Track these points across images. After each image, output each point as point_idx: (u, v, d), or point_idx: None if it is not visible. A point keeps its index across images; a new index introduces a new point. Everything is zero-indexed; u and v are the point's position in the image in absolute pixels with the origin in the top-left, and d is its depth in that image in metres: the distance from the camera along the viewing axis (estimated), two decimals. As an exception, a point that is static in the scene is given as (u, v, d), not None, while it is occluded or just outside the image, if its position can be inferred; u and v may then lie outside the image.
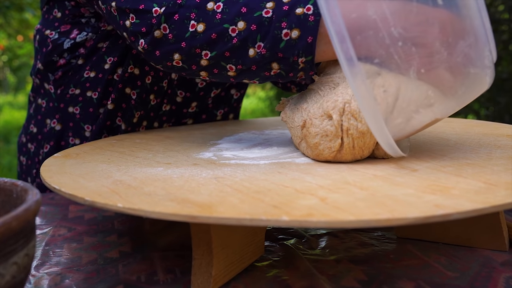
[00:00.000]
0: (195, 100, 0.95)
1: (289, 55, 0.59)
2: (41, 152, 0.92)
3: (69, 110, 0.88)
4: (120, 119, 0.88)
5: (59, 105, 0.89)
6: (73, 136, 0.89)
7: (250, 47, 0.60)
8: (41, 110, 0.92)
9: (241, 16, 0.60)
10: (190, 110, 0.96)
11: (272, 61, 0.60)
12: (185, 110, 0.95)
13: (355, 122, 0.54)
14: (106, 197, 0.44)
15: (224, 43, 0.61)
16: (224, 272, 0.48)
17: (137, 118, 0.90)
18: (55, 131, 0.90)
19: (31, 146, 0.94)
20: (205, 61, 0.64)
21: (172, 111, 0.94)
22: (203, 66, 0.65)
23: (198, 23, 0.62)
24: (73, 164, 0.60)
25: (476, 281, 0.48)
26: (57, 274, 0.53)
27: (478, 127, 0.75)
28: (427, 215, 0.36)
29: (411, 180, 0.47)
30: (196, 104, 0.95)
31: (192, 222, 0.46)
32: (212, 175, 0.52)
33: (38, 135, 0.92)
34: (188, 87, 0.92)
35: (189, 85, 0.92)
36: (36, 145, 0.93)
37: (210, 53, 0.63)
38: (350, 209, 0.39)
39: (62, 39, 0.88)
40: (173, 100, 0.93)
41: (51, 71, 0.89)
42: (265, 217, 0.37)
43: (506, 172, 0.48)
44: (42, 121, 0.91)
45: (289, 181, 0.48)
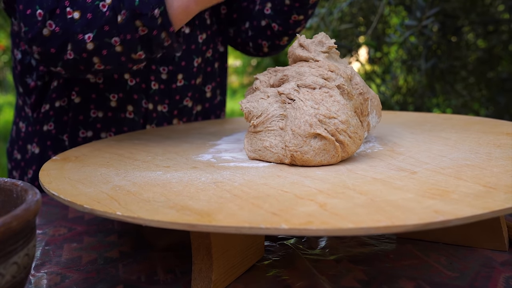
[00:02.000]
0: (180, 72, 0.94)
1: (146, 11, 0.66)
2: (25, 179, 0.93)
3: (44, 129, 0.89)
4: (94, 111, 0.88)
5: (35, 127, 0.90)
6: (54, 153, 0.90)
7: (117, 15, 0.67)
8: (21, 135, 0.93)
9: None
10: (179, 84, 0.94)
11: (134, 19, 0.66)
12: (174, 86, 0.94)
13: (334, 120, 0.55)
14: (105, 204, 0.44)
15: (99, 19, 0.67)
16: (224, 276, 0.48)
17: (115, 102, 0.89)
18: (35, 155, 0.91)
19: (16, 174, 0.95)
20: (90, 44, 0.68)
21: (162, 90, 0.93)
22: (91, 51, 0.69)
23: (74, 11, 0.69)
24: (72, 168, 0.59)
25: (476, 281, 0.48)
26: (57, 274, 0.53)
27: (478, 124, 0.75)
28: (426, 222, 0.36)
29: (411, 183, 0.47)
30: (183, 76, 0.94)
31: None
32: (211, 179, 0.52)
33: (21, 162, 0.93)
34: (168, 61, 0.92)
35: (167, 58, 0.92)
36: (20, 173, 0.94)
37: (92, 34, 0.68)
38: (349, 216, 0.38)
39: (27, 58, 0.89)
40: (159, 78, 0.92)
41: (28, 95, 0.90)
42: (264, 226, 0.37)
43: (505, 174, 0.48)
44: (24, 147, 0.93)
45: (288, 186, 0.48)
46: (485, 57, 1.72)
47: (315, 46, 0.65)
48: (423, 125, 0.78)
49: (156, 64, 0.91)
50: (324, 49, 0.64)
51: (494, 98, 1.72)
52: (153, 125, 0.93)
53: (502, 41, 1.64)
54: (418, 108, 1.76)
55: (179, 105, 0.96)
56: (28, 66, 0.89)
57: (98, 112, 0.89)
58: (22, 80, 0.90)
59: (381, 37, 1.76)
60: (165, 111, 0.94)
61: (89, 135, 0.90)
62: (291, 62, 0.67)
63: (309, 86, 0.59)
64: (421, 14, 1.35)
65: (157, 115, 0.94)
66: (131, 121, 0.91)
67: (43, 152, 0.90)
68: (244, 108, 0.61)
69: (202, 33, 0.95)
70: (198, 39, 0.94)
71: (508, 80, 1.69)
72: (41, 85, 0.89)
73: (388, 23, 1.87)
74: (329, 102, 0.57)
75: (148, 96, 0.92)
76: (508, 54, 1.72)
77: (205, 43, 0.96)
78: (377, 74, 1.93)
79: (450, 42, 1.68)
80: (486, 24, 1.65)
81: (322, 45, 0.65)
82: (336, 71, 0.60)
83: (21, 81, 0.91)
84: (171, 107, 0.95)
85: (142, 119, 0.92)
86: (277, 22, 0.93)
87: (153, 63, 0.90)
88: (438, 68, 1.63)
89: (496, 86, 1.73)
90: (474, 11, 1.61)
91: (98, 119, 0.89)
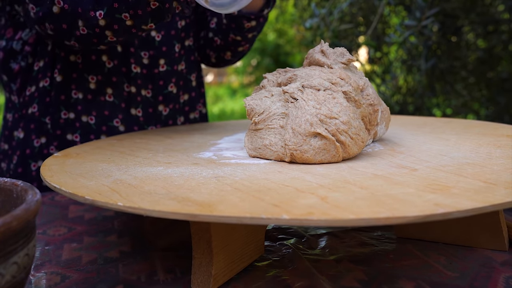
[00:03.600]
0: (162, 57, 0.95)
1: None
2: (11, 166, 0.93)
3: (29, 112, 0.90)
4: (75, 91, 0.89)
5: (21, 112, 0.91)
6: (37, 137, 0.90)
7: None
8: (8, 125, 0.94)
9: None
10: (162, 69, 0.95)
11: None
12: (156, 71, 0.94)
13: (335, 120, 0.55)
14: (107, 196, 0.44)
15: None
16: (224, 271, 0.48)
17: (94, 84, 0.89)
18: (20, 140, 0.91)
19: (4, 165, 0.95)
20: (102, 20, 0.71)
21: (145, 75, 0.93)
22: (104, 26, 0.71)
23: None
24: (73, 163, 0.60)
25: (476, 281, 0.48)
26: (57, 274, 0.53)
27: (478, 127, 0.75)
28: (427, 214, 0.37)
29: (411, 179, 0.47)
30: (165, 61, 0.95)
31: (192, 221, 0.46)
32: (212, 174, 0.52)
33: (8, 150, 0.94)
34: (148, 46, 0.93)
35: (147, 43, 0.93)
36: (7, 162, 0.94)
37: (102, 11, 0.70)
38: (350, 208, 0.39)
39: (10, 43, 0.90)
40: (140, 62, 0.93)
41: (13, 81, 0.91)
42: (265, 216, 0.38)
43: (506, 171, 0.48)
44: (10, 136, 0.93)
45: (289, 180, 0.48)
46: (485, 57, 1.72)
47: (335, 55, 0.65)
48: (423, 127, 0.78)
49: (136, 48, 0.92)
50: (343, 60, 0.65)
51: (494, 98, 1.72)
52: (139, 109, 0.93)
53: (502, 41, 1.64)
54: (418, 108, 1.76)
55: (164, 91, 0.96)
56: (11, 51, 0.90)
57: (79, 93, 0.90)
58: (6, 66, 0.91)
59: (381, 37, 1.76)
60: (149, 96, 0.95)
61: (71, 117, 0.90)
62: (306, 64, 0.67)
63: (314, 87, 0.59)
64: (421, 14, 1.35)
65: (141, 99, 0.93)
66: (111, 104, 0.91)
67: (26, 136, 0.90)
68: (247, 105, 0.62)
69: (181, 20, 0.97)
70: (178, 25, 0.96)
71: (508, 80, 1.69)
72: (25, 67, 0.90)
73: (388, 23, 1.87)
74: (331, 103, 0.57)
75: (130, 79, 0.92)
76: (508, 54, 1.72)
77: (184, 30, 0.98)
78: (377, 74, 1.93)
79: (450, 42, 1.68)
80: (486, 24, 1.65)
81: (343, 57, 0.65)
82: (346, 79, 0.60)
83: (4, 68, 0.92)
84: (154, 92, 0.95)
85: (124, 103, 0.92)
86: (219, 37, 1.00)
87: (132, 46, 0.91)
88: (438, 68, 1.63)
89: (496, 86, 1.73)
90: (474, 11, 1.61)
91: (78, 101, 0.90)
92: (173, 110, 0.98)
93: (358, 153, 0.58)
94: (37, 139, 0.90)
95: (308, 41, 1.73)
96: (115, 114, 0.91)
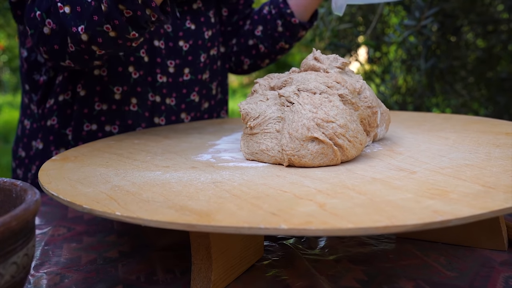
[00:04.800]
0: (187, 66, 0.95)
1: None
2: (29, 175, 0.94)
3: (48, 124, 0.91)
4: (99, 103, 0.89)
5: (40, 123, 0.92)
6: (56, 149, 0.91)
7: (101, 4, 0.67)
8: (26, 132, 0.95)
9: None
10: (186, 78, 0.95)
11: (117, 5, 0.67)
12: (181, 79, 0.95)
13: (332, 124, 0.55)
14: (104, 204, 0.44)
15: (87, 10, 0.68)
16: (223, 276, 0.48)
17: (120, 95, 0.90)
18: (38, 151, 0.92)
19: (20, 172, 0.96)
20: (84, 35, 0.70)
21: (170, 84, 0.94)
22: (87, 41, 0.71)
23: (65, 6, 0.70)
24: (71, 168, 0.59)
25: (475, 280, 0.48)
26: (57, 274, 0.53)
27: (477, 124, 0.75)
28: (425, 222, 0.37)
29: (410, 183, 0.47)
30: (189, 70, 0.96)
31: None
32: (211, 179, 0.52)
33: (25, 159, 0.95)
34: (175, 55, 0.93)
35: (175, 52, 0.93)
36: (24, 170, 0.95)
37: (83, 25, 0.69)
38: (348, 216, 0.39)
39: (32, 55, 0.91)
40: (166, 71, 0.93)
41: (35, 92, 0.92)
42: (263, 226, 0.37)
43: (505, 173, 0.48)
44: (28, 144, 0.94)
45: (288, 186, 0.48)
46: (484, 56, 1.71)
47: (329, 61, 0.66)
48: (422, 124, 0.78)
49: (163, 57, 0.92)
50: (338, 64, 0.65)
51: (493, 98, 1.72)
52: (162, 118, 0.94)
53: (501, 41, 1.64)
54: (417, 108, 1.76)
55: (186, 99, 0.97)
56: (35, 63, 0.91)
57: (103, 105, 0.90)
58: (29, 77, 0.92)
59: (380, 37, 1.76)
60: (173, 105, 0.95)
61: (94, 128, 0.91)
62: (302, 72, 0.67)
63: (310, 90, 0.59)
64: (420, 14, 1.35)
65: (165, 108, 0.94)
66: (135, 114, 0.92)
67: (46, 148, 0.92)
68: (242, 109, 0.61)
69: (208, 30, 0.97)
70: (205, 35, 0.97)
71: (507, 79, 1.69)
72: (47, 80, 0.91)
73: (387, 23, 1.87)
74: (327, 107, 0.57)
75: (155, 89, 0.93)
76: (508, 54, 1.72)
77: (210, 39, 0.98)
78: (376, 74, 1.93)
79: (449, 42, 1.68)
80: (485, 24, 1.65)
81: (337, 61, 0.65)
82: (342, 83, 0.60)
83: (28, 79, 0.92)
84: (178, 101, 0.96)
85: (148, 112, 0.93)
86: (265, 45, 1.02)
87: (159, 56, 0.92)
88: (437, 68, 1.63)
89: (495, 86, 1.73)
90: (473, 11, 1.61)
91: (102, 112, 0.90)
92: (194, 118, 0.99)
93: (357, 156, 0.58)
94: (56, 151, 0.91)
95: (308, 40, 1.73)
96: (138, 123, 0.92)
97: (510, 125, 0.72)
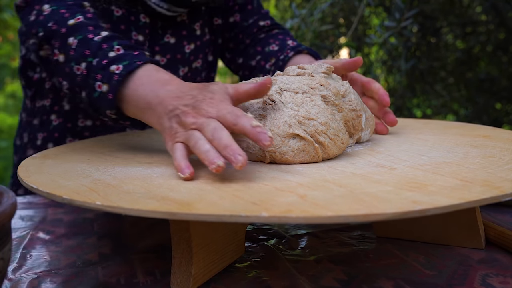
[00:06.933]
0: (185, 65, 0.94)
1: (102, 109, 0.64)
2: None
3: (34, 122, 0.93)
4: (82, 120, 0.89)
5: (30, 118, 0.94)
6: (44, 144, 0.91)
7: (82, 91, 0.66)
8: (22, 124, 0.97)
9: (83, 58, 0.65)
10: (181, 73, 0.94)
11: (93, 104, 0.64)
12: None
13: (313, 121, 0.56)
14: (85, 195, 0.44)
15: (72, 79, 0.66)
16: (204, 271, 0.48)
17: None
18: (23, 145, 0.94)
19: (16, 158, 0.98)
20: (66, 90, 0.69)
21: None
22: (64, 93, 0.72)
23: (60, 53, 0.68)
24: (52, 164, 0.59)
25: (453, 278, 0.49)
26: (35, 278, 0.53)
27: (456, 128, 0.76)
28: (405, 211, 0.37)
29: (390, 177, 0.47)
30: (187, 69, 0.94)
31: (171, 220, 0.46)
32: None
33: (20, 146, 0.97)
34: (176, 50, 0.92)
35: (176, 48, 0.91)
36: (18, 156, 0.97)
37: (67, 85, 0.68)
38: (328, 205, 0.39)
39: (28, 54, 0.91)
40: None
41: (29, 87, 0.93)
42: (244, 213, 0.38)
43: (482, 170, 0.49)
44: (21, 135, 0.96)
45: (269, 180, 0.48)
46: (463, 58, 1.74)
47: (313, 67, 0.66)
48: (402, 128, 0.79)
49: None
50: (323, 70, 0.65)
51: (473, 98, 1.74)
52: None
53: (480, 42, 1.67)
54: (398, 108, 1.78)
55: None
56: (29, 62, 0.92)
57: (86, 121, 0.90)
58: (24, 73, 0.93)
59: (361, 38, 1.77)
60: None
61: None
62: None
63: (293, 90, 0.59)
64: (400, 15, 1.36)
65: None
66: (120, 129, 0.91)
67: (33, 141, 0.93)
68: None
69: (190, 44, 0.94)
70: (185, 49, 0.93)
71: (486, 80, 1.71)
72: (39, 79, 0.91)
73: (369, 24, 1.88)
74: (309, 105, 0.57)
75: None
76: (486, 55, 1.75)
77: (193, 53, 0.95)
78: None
79: (429, 43, 1.70)
80: (464, 26, 1.67)
81: (321, 67, 0.66)
82: (325, 85, 0.60)
83: (23, 75, 0.93)
84: None
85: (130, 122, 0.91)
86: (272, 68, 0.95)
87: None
88: (417, 69, 1.65)
89: (474, 87, 1.75)
90: (452, 13, 1.64)
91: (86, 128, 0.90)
92: None
93: (338, 154, 0.58)
94: (44, 145, 0.92)
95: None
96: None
97: (488, 129, 0.73)
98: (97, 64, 0.63)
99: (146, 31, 0.86)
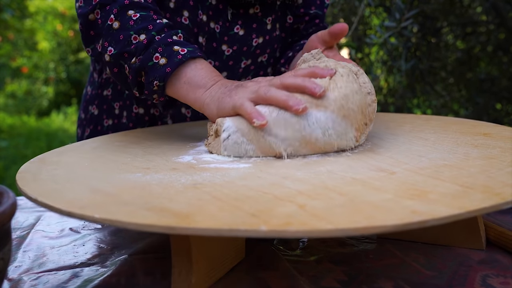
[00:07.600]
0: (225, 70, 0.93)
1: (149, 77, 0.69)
2: (84, 136, 0.99)
3: (104, 93, 0.96)
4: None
5: (97, 91, 0.97)
6: (107, 118, 0.96)
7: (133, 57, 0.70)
8: (86, 98, 1.00)
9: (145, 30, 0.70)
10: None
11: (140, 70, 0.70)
12: None
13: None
14: (83, 207, 0.44)
15: (124, 45, 0.71)
16: (204, 278, 0.48)
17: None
18: (93, 116, 0.97)
19: (79, 131, 1.02)
20: (107, 56, 0.72)
21: None
22: (106, 62, 0.73)
23: (115, 20, 0.72)
24: (50, 170, 0.58)
25: (454, 279, 0.49)
26: (35, 278, 0.53)
27: (456, 125, 0.76)
28: (404, 223, 0.37)
29: (390, 183, 0.47)
30: (227, 74, 0.94)
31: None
32: (191, 181, 0.52)
33: (84, 120, 1.00)
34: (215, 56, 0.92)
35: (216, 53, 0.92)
36: (81, 130, 1.01)
37: (113, 50, 0.71)
38: (328, 216, 0.39)
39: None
40: None
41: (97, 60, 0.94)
42: (243, 228, 0.37)
43: (482, 173, 0.48)
44: (86, 108, 0.99)
45: (268, 187, 0.48)
46: (464, 58, 1.74)
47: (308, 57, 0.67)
48: (402, 125, 0.78)
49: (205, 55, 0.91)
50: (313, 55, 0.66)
51: (473, 99, 1.74)
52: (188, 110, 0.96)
53: (480, 42, 1.67)
54: (398, 109, 1.78)
55: None
56: None
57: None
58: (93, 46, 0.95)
59: (361, 38, 1.77)
60: None
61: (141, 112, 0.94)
62: None
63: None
64: (400, 15, 1.36)
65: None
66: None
67: (99, 115, 0.97)
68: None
69: (259, 37, 0.94)
70: (253, 42, 0.93)
71: (486, 80, 1.71)
72: None
73: (369, 24, 1.88)
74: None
75: None
76: (486, 55, 1.75)
77: (260, 46, 0.95)
78: (358, 75, 1.93)
79: (429, 43, 1.70)
80: (465, 26, 1.67)
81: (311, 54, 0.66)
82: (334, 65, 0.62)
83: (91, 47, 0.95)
84: None
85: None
86: None
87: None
88: (418, 69, 1.65)
89: (475, 87, 1.75)
90: (452, 13, 1.64)
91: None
92: None
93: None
94: (107, 120, 0.95)
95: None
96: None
97: (488, 126, 0.73)
98: (161, 40, 0.69)
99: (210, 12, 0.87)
